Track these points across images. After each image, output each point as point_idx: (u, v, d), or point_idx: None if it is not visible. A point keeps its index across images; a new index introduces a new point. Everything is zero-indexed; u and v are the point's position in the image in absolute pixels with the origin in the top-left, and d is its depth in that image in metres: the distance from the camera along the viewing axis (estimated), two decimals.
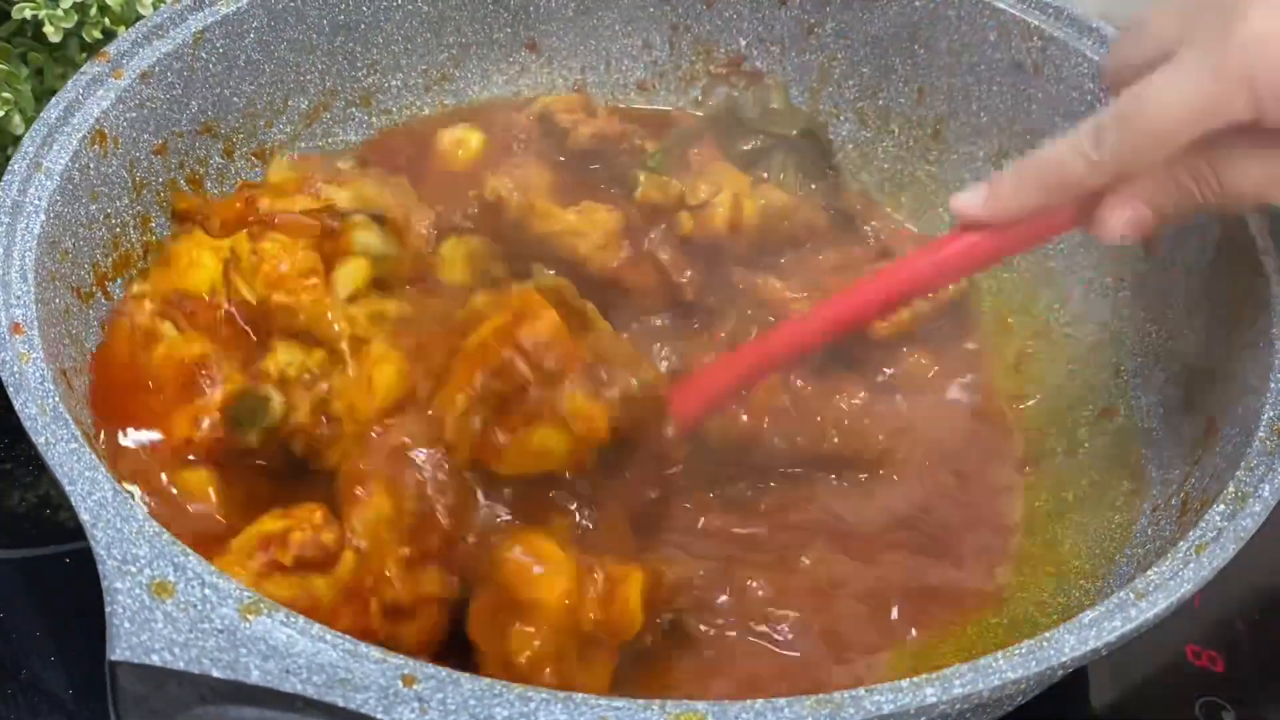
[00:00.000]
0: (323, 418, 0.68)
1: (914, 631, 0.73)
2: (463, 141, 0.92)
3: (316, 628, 0.50)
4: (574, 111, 0.90)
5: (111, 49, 0.78)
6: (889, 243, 0.92)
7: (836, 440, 0.80)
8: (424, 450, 0.65)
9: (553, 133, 0.89)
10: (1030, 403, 0.87)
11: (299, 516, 0.63)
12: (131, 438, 0.69)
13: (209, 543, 0.61)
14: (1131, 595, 0.56)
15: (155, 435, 0.69)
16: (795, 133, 0.93)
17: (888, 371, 0.86)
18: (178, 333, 0.73)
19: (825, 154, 0.95)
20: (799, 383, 0.81)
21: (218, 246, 0.77)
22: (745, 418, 0.78)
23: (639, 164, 0.87)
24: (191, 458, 0.69)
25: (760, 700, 0.49)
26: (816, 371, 0.82)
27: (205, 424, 0.70)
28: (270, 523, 0.63)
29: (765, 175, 0.92)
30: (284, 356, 0.70)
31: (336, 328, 0.71)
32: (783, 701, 0.49)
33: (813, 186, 0.93)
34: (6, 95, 0.80)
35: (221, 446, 0.69)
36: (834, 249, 0.90)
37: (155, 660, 0.48)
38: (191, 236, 0.79)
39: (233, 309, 0.74)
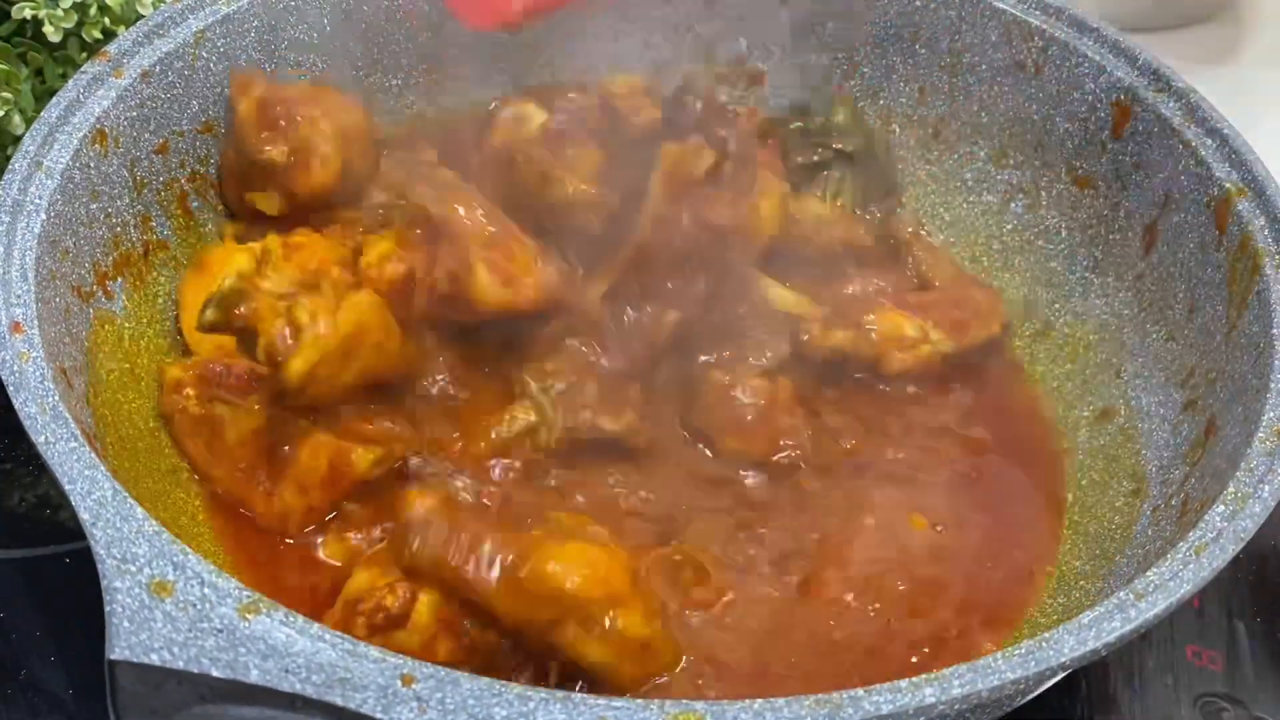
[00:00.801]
0: (284, 327, 0.69)
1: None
2: (523, 118, 0.92)
3: (315, 627, 0.50)
4: (635, 96, 0.90)
5: (112, 48, 0.78)
6: (929, 275, 0.92)
7: (848, 448, 0.81)
8: None
9: (613, 117, 0.89)
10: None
11: (370, 584, 0.65)
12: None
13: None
14: (1131, 596, 0.56)
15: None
16: (852, 149, 0.94)
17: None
18: (230, 408, 0.74)
19: (885, 176, 0.96)
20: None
21: (250, 247, 0.80)
22: (760, 440, 0.79)
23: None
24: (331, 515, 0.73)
25: (759, 700, 0.49)
26: (827, 384, 0.83)
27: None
28: (354, 584, 0.66)
29: (820, 193, 0.92)
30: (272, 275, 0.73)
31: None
32: (781, 701, 0.49)
33: (871, 209, 0.94)
34: (6, 95, 0.80)
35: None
36: (871, 273, 0.91)
37: (154, 659, 0.48)
38: (223, 244, 0.83)
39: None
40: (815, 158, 0.95)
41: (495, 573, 0.63)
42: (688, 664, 0.68)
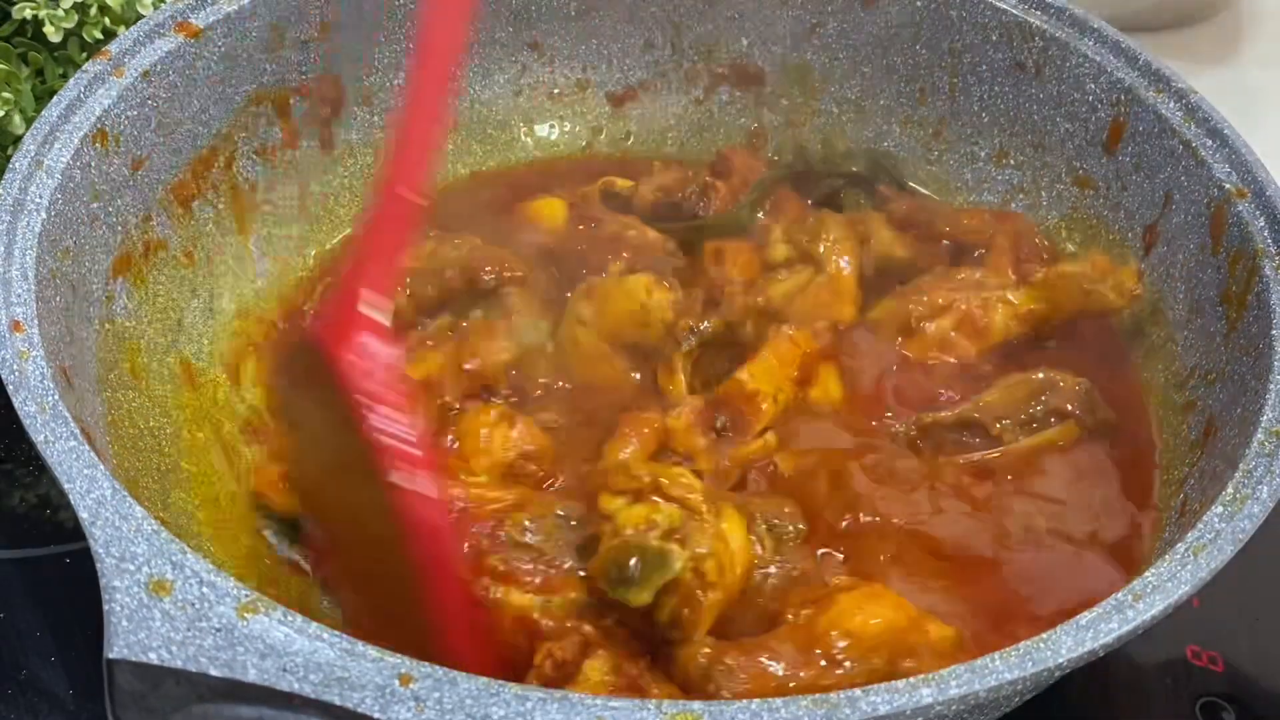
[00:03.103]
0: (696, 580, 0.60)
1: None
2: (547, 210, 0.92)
3: (314, 626, 0.50)
4: (625, 179, 0.93)
5: (113, 47, 0.78)
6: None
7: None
8: None
9: (617, 200, 0.92)
10: None
11: None
12: None
13: None
14: (1129, 597, 0.56)
15: None
16: (860, 169, 0.96)
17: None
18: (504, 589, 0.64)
19: (895, 182, 0.97)
20: None
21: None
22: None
23: (709, 200, 0.91)
24: None
25: (756, 700, 0.49)
26: None
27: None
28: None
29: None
30: (645, 511, 0.62)
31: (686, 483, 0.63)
32: (779, 701, 0.49)
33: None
34: (7, 95, 0.80)
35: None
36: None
37: (152, 658, 0.48)
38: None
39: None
40: (830, 189, 0.96)
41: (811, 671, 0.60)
42: None
